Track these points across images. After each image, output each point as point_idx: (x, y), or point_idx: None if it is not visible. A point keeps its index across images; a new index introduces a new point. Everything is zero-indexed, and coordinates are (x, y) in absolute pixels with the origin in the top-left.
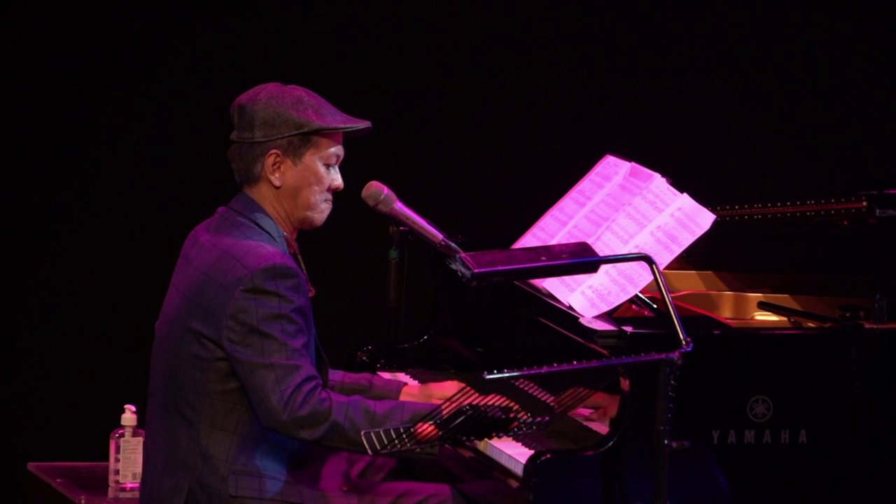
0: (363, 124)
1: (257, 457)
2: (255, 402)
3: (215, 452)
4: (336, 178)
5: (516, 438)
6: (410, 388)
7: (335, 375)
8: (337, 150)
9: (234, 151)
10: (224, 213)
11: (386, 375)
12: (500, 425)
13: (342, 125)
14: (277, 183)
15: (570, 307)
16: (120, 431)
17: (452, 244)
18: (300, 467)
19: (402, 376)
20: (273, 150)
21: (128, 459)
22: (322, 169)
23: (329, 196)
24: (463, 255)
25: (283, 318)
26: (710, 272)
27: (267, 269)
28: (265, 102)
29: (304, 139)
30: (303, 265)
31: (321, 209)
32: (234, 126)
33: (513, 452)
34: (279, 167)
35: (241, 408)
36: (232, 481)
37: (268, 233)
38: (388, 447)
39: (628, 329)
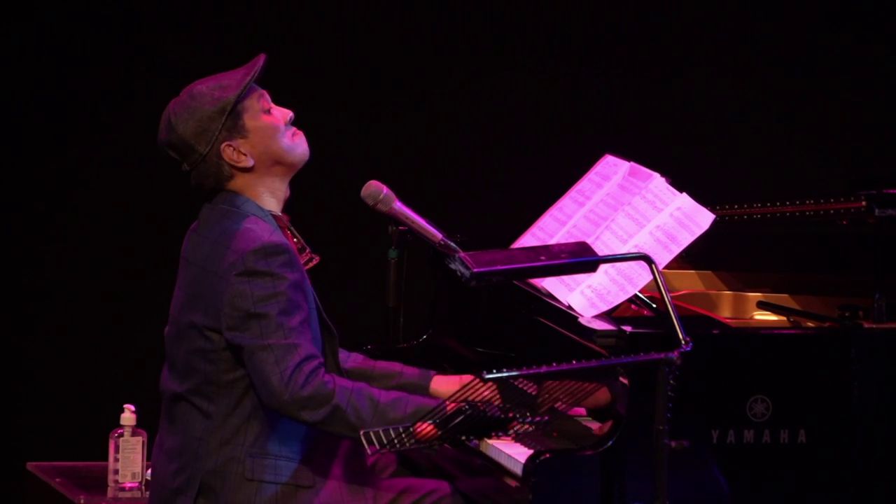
0: (260, 61)
1: (272, 440)
2: (258, 384)
3: (232, 439)
4: (283, 113)
5: (516, 438)
6: (440, 378)
7: (365, 361)
8: (259, 95)
9: (196, 176)
10: (209, 208)
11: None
12: (499, 425)
13: (248, 78)
14: (249, 163)
15: (570, 307)
16: (119, 431)
17: (452, 244)
18: (314, 450)
19: None
20: (222, 145)
21: (127, 459)
22: (266, 119)
23: (291, 128)
24: (462, 254)
25: (278, 297)
26: (709, 272)
27: (257, 250)
28: (181, 122)
29: (233, 115)
30: (299, 236)
31: (295, 143)
32: (178, 159)
33: (512, 452)
34: (237, 151)
35: (252, 392)
36: (248, 464)
37: (253, 215)
38: (388, 446)
39: (627, 329)
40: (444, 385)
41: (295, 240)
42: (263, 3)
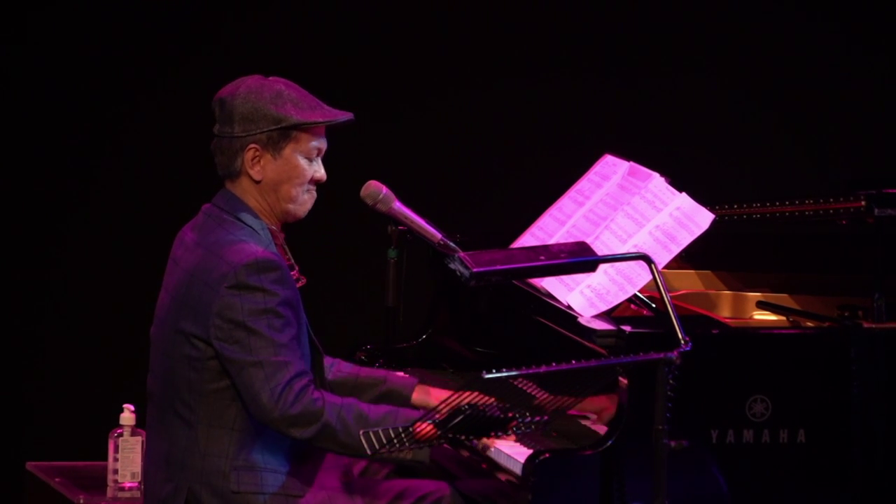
0: (344, 117)
1: (257, 451)
2: (247, 399)
3: (216, 450)
4: (318, 170)
5: (515, 438)
6: (423, 388)
7: (350, 369)
8: (318, 143)
9: (216, 145)
10: (207, 211)
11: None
12: (498, 425)
13: (321, 120)
14: (257, 177)
15: (569, 307)
16: (119, 431)
17: (451, 243)
18: (301, 461)
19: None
20: (252, 145)
21: (126, 459)
22: (302, 162)
23: (311, 187)
24: (461, 254)
25: (269, 313)
26: (708, 271)
27: (250, 265)
28: (244, 97)
29: (283, 134)
30: (290, 255)
31: (302, 201)
32: (216, 119)
33: (511, 452)
34: (259, 161)
35: (237, 404)
36: (234, 477)
37: (251, 227)
38: (387, 447)
39: (627, 328)
40: (426, 395)
41: (286, 257)
42: (264, 3)
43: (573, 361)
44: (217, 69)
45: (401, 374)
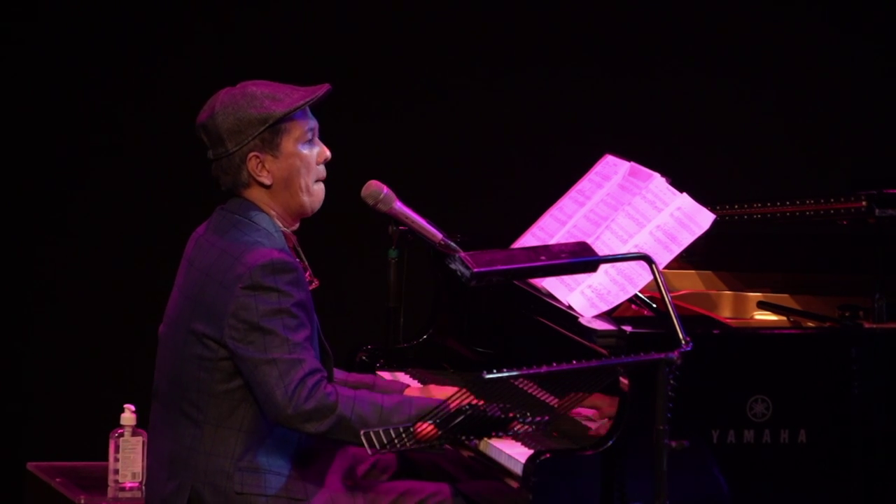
0: (322, 90)
1: (262, 453)
2: (260, 398)
3: (221, 451)
4: (322, 151)
5: (516, 438)
6: (412, 390)
7: (338, 374)
8: (309, 124)
9: (217, 168)
10: (221, 213)
11: (386, 375)
12: (499, 425)
13: (302, 102)
14: (268, 181)
15: (570, 307)
16: (119, 431)
17: (452, 243)
18: (305, 464)
19: (401, 376)
20: (251, 154)
21: (127, 459)
22: (304, 149)
23: (321, 173)
24: (462, 254)
25: (283, 313)
26: (709, 272)
27: (265, 266)
28: (222, 114)
29: (273, 131)
30: (303, 257)
31: (316, 191)
32: (207, 145)
33: (512, 452)
34: (263, 166)
35: (246, 405)
36: (238, 478)
37: (265, 229)
38: (388, 446)
39: (628, 328)
40: (423, 393)
41: (298, 260)
42: (265, 1)
43: (574, 361)
44: (220, 67)
45: (385, 377)
